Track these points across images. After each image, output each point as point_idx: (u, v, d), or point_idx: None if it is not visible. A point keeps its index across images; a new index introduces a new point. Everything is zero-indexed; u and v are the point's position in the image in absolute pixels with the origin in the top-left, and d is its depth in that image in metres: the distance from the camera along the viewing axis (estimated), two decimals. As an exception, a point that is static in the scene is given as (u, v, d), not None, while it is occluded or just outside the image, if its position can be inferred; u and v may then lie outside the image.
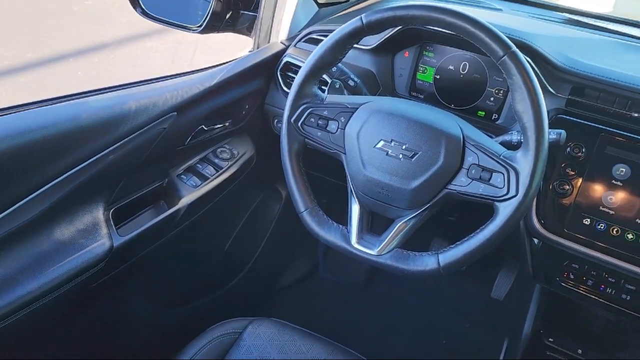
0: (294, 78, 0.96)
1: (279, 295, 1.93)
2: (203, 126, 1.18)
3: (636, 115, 1.02)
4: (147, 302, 1.32)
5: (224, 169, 1.23)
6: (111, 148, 0.95)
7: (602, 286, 1.04)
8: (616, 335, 1.28)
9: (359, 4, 1.51)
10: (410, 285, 1.93)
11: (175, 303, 1.44)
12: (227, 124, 1.26)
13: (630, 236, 0.96)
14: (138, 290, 1.26)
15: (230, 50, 1.49)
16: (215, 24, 1.31)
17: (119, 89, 1.00)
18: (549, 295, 1.30)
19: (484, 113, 1.20)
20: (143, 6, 1.30)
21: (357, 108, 0.92)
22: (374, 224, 0.96)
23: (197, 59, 4.08)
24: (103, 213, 1.01)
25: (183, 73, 1.16)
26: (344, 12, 1.43)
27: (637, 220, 0.95)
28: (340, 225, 0.95)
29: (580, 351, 1.22)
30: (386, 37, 1.18)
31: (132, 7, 1.30)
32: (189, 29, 1.30)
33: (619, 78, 1.02)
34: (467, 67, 1.20)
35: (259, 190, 1.60)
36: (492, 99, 1.19)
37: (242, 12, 1.35)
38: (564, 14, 1.44)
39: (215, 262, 1.54)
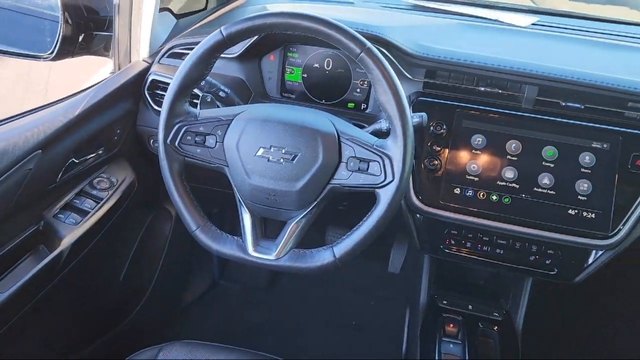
0: (164, 95, 0.95)
1: (185, 315, 1.89)
2: (74, 159, 1.11)
3: (482, 89, 1.14)
4: (44, 355, 1.23)
5: (104, 200, 1.18)
6: None
7: (479, 246, 1.16)
8: (498, 286, 1.43)
9: (216, 11, 1.51)
10: (312, 275, 1.99)
11: (76, 348, 1.36)
12: (100, 152, 1.20)
13: (494, 197, 1.07)
14: (31, 346, 1.17)
15: (91, 63, 1.41)
16: (68, 49, 1.24)
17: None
18: (437, 262, 1.41)
19: (353, 104, 1.27)
20: (-19, 39, 1.19)
21: (232, 119, 0.93)
22: (267, 229, 0.98)
23: (54, 80, 3.78)
24: None
25: (42, 106, 1.09)
26: (203, 22, 1.42)
27: (498, 182, 1.07)
28: (235, 237, 0.96)
29: (470, 307, 1.35)
30: (249, 44, 1.20)
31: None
32: (40, 57, 1.22)
33: (464, 58, 1.13)
34: (331, 63, 1.25)
35: (146, 213, 1.55)
36: (358, 90, 1.26)
37: (95, 33, 1.29)
38: (409, 0, 1.55)
39: (112, 295, 1.47)
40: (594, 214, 1.03)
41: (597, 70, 1.10)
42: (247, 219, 0.95)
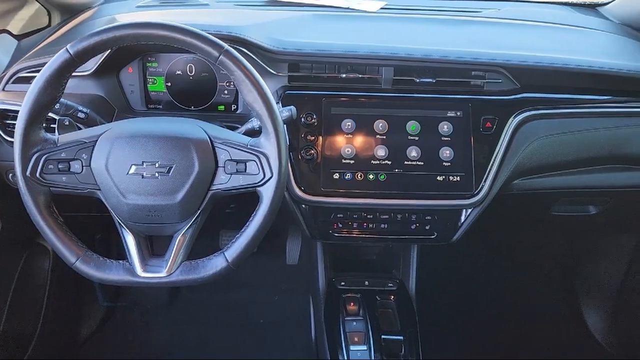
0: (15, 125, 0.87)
1: (87, 348, 1.77)
2: None
3: (344, 75, 1.19)
4: None
5: None
6: None
7: (365, 224, 1.22)
8: (389, 258, 1.51)
9: (62, 27, 1.41)
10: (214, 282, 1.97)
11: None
12: (-50, 197, 1.09)
13: (371, 176, 1.13)
14: None
15: None
16: None
17: None
18: (330, 247, 1.46)
19: (223, 107, 1.26)
20: None
21: (97, 140, 0.89)
22: (154, 247, 0.95)
23: None
24: None
25: None
26: (49, 40, 1.32)
27: (372, 161, 1.13)
28: (121, 261, 0.92)
29: (367, 282, 1.41)
30: (103, 58, 1.14)
31: None
32: None
33: (322, 48, 1.17)
34: (194, 68, 1.24)
35: (19, 253, 1.42)
36: (226, 92, 1.25)
37: None
38: (263, -4, 1.56)
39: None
40: (458, 177, 1.13)
41: (443, 46, 1.20)
42: (130, 240, 0.92)
